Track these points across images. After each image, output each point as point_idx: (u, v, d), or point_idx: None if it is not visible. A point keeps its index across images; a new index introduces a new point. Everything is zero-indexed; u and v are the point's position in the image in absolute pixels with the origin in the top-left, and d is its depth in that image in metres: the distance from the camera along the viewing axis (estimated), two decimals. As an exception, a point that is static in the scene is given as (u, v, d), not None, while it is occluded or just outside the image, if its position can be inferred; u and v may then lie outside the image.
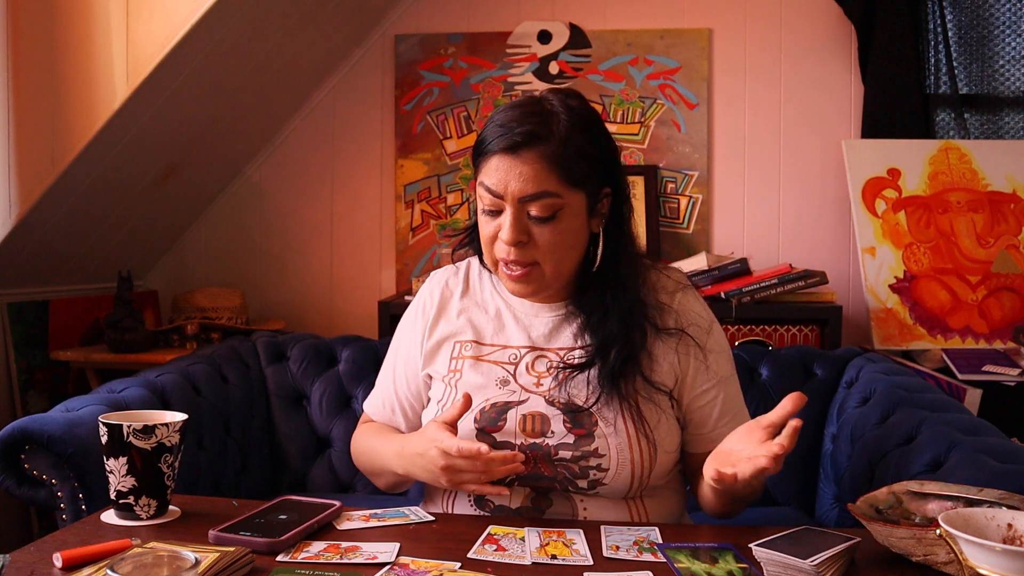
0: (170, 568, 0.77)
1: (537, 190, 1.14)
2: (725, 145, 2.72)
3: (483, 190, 1.17)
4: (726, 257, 2.45)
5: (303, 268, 2.90)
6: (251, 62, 2.40)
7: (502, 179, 1.15)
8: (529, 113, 1.16)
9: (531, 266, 1.18)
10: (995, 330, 2.38)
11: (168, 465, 1.08)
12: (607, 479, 1.16)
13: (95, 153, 2.12)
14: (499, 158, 1.15)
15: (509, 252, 1.17)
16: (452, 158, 2.80)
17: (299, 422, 2.04)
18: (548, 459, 1.17)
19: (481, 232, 1.21)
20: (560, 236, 1.17)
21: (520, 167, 1.14)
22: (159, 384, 1.72)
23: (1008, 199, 2.47)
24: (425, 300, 1.35)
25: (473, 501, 1.22)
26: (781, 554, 0.92)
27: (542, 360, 1.24)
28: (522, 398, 1.21)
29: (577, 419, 1.18)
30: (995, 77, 2.66)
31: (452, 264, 1.38)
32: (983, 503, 1.00)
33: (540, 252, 1.17)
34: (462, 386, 1.24)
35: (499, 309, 1.29)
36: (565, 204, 1.16)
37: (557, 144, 1.14)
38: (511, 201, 1.15)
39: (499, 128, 1.16)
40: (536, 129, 1.14)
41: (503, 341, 1.27)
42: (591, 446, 1.16)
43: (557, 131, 1.15)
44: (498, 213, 1.17)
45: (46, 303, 2.48)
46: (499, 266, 1.21)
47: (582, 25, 2.75)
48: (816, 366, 1.97)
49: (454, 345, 1.28)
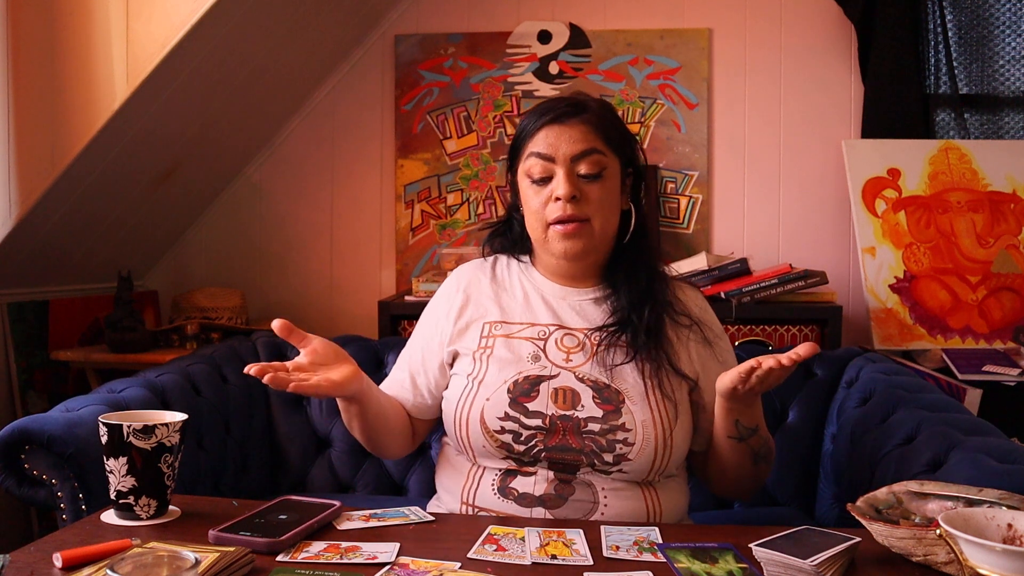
0: (170, 568, 0.77)
1: (587, 147, 1.28)
2: (725, 145, 2.72)
3: (534, 159, 1.29)
4: (726, 257, 2.45)
5: (303, 268, 2.90)
6: (251, 62, 2.40)
7: (553, 143, 1.29)
8: (568, 98, 1.34)
9: (584, 222, 1.28)
10: (995, 330, 2.38)
11: (168, 465, 1.08)
12: (632, 454, 1.22)
13: (95, 153, 2.12)
14: (548, 129, 1.30)
15: (565, 208, 1.27)
16: (452, 158, 2.80)
17: (299, 422, 2.04)
18: (577, 431, 1.22)
19: (529, 206, 1.31)
20: (607, 194, 1.29)
21: (569, 131, 1.29)
22: (159, 384, 1.72)
23: (1008, 199, 2.47)
24: (452, 288, 1.42)
25: (497, 490, 1.24)
26: (781, 554, 0.92)
27: (570, 337, 1.31)
28: (553, 372, 1.27)
29: (606, 395, 1.24)
30: (995, 77, 2.66)
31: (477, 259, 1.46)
32: (983, 503, 1.00)
33: (591, 207, 1.28)
34: (493, 360, 1.29)
35: (526, 292, 1.37)
36: (608, 163, 1.30)
37: (596, 115, 1.31)
38: (563, 161, 1.28)
39: (543, 109, 1.32)
40: (578, 102, 1.32)
41: (531, 319, 1.34)
42: (619, 420, 1.22)
43: (593, 106, 1.33)
44: (548, 180, 1.29)
45: (46, 303, 2.48)
46: (548, 230, 1.29)
47: (582, 25, 2.75)
48: (816, 366, 1.97)
49: (483, 326, 1.35)
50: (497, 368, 1.28)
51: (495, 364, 1.29)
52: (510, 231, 1.43)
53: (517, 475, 1.24)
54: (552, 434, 1.22)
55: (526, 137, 1.32)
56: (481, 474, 1.27)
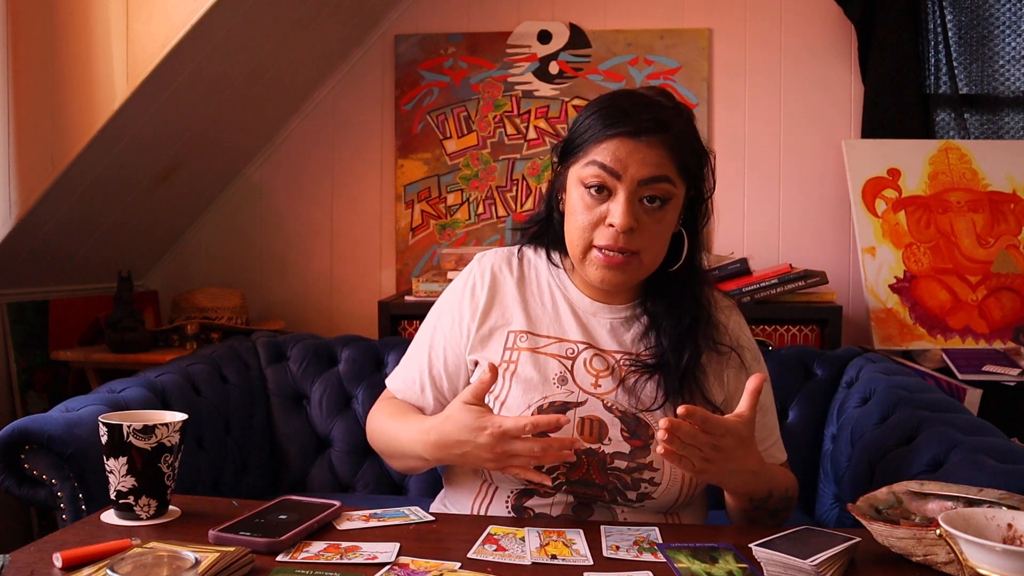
0: (170, 568, 0.77)
1: (659, 173, 1.14)
2: (725, 145, 2.72)
3: (596, 169, 1.15)
4: (726, 257, 2.45)
5: (303, 268, 2.90)
6: (251, 62, 2.40)
7: (622, 160, 1.14)
8: (646, 103, 1.17)
9: (632, 255, 1.16)
10: (995, 330, 2.38)
11: (168, 465, 1.08)
12: (656, 493, 1.15)
13: (95, 153, 2.12)
14: (620, 140, 1.14)
15: (617, 239, 1.14)
16: (452, 158, 2.80)
17: (299, 422, 2.04)
18: (602, 467, 1.15)
19: (575, 218, 1.18)
20: (664, 227, 1.18)
21: (644, 151, 1.14)
22: (159, 384, 1.72)
23: (1008, 199, 2.47)
24: (476, 281, 1.30)
25: (511, 508, 1.19)
26: (781, 554, 0.92)
27: (600, 359, 1.21)
28: (580, 399, 1.18)
29: (635, 429, 1.17)
30: (995, 77, 2.66)
31: (502, 248, 1.35)
32: (983, 503, 1.00)
33: (645, 240, 1.16)
34: (517, 379, 1.20)
35: (556, 302, 1.27)
36: (675, 194, 1.17)
37: (677, 135, 1.16)
38: (628, 183, 1.14)
39: (618, 114, 1.15)
40: (660, 116, 1.15)
41: (559, 333, 1.24)
42: (646, 459, 1.15)
43: (676, 123, 1.16)
44: (604, 198, 1.16)
45: (46, 303, 2.48)
46: (589, 253, 1.18)
47: (582, 25, 2.75)
48: (816, 366, 1.97)
49: (508, 335, 1.25)
50: (521, 390, 1.19)
51: (518, 385, 1.20)
52: (549, 228, 1.29)
53: (534, 495, 1.18)
54: (575, 468, 1.15)
55: (592, 140, 1.16)
56: (495, 491, 1.21)
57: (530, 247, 1.32)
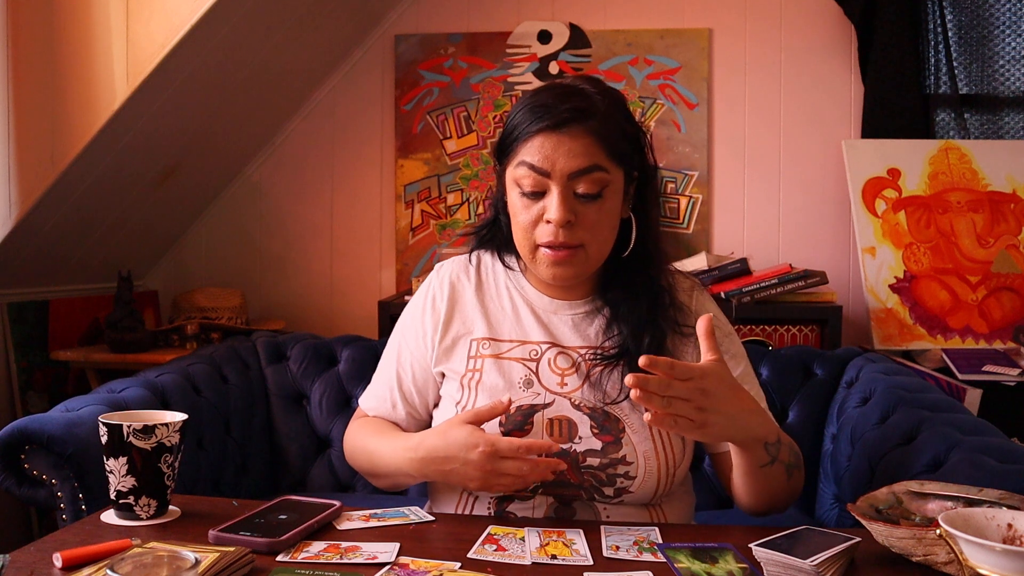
0: (170, 568, 0.77)
1: (588, 164, 1.12)
2: (725, 145, 2.72)
3: (525, 170, 1.14)
4: (726, 257, 2.45)
5: (303, 268, 2.90)
6: (251, 62, 2.40)
7: (549, 156, 1.12)
8: (567, 93, 1.15)
9: (576, 248, 1.15)
10: (995, 330, 2.38)
11: (168, 465, 1.08)
12: (633, 487, 1.15)
13: (95, 153, 2.12)
14: (544, 136, 1.13)
15: (557, 234, 1.13)
16: (452, 158, 2.80)
17: (299, 422, 2.04)
18: (575, 466, 1.15)
19: (517, 219, 1.18)
20: (605, 216, 1.16)
21: (568, 143, 1.12)
22: (159, 384, 1.72)
23: (1008, 199, 2.47)
24: (435, 293, 1.30)
25: (493, 512, 1.18)
26: (781, 554, 0.92)
27: (564, 356, 1.21)
28: (547, 401, 1.18)
29: (604, 424, 1.16)
30: (995, 77, 2.66)
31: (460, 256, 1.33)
32: (983, 503, 1.00)
33: (586, 233, 1.15)
34: (483, 388, 1.20)
35: (515, 304, 1.26)
36: (611, 180, 1.15)
37: (601, 119, 1.13)
38: (559, 178, 1.13)
39: (539, 108, 1.14)
40: (581, 105, 1.13)
41: (521, 336, 1.23)
42: (619, 453, 1.15)
43: (599, 108, 1.14)
44: (540, 195, 1.15)
45: (46, 303, 2.48)
46: (537, 252, 1.17)
47: (582, 25, 2.75)
48: (816, 366, 1.97)
49: (471, 343, 1.24)
50: (487, 398, 1.18)
51: (484, 393, 1.19)
52: (498, 231, 1.28)
53: (514, 500, 1.17)
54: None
55: (518, 139, 1.15)
56: (475, 499, 1.20)
57: (486, 252, 1.32)
